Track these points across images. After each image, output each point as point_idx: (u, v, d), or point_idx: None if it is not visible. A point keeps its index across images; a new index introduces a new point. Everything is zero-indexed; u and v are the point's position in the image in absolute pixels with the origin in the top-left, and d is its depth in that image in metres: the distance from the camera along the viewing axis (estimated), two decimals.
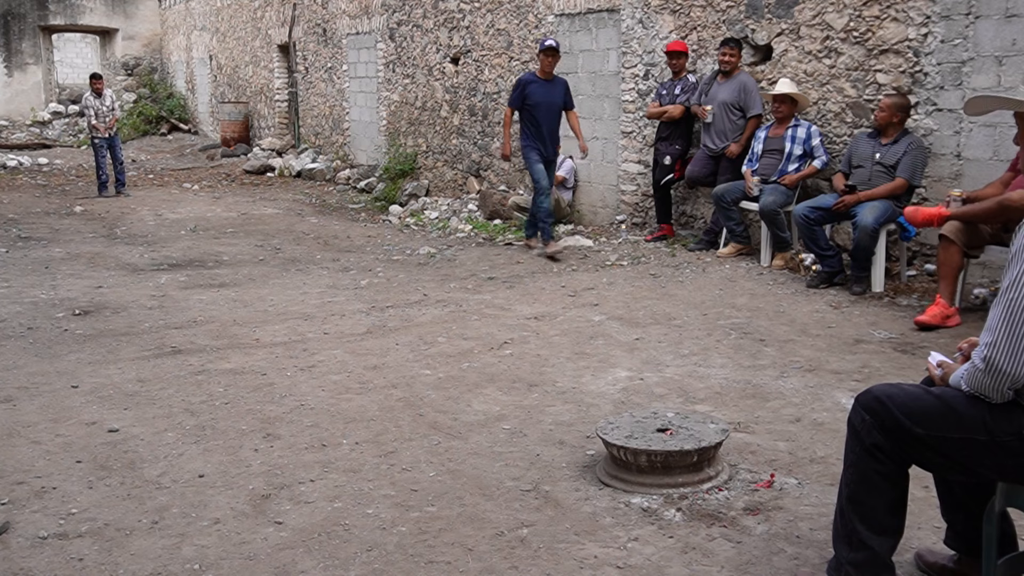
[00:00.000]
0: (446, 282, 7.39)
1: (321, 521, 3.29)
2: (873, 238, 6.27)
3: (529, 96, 8.29)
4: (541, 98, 8.28)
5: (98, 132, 13.19)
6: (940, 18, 6.45)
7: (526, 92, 8.31)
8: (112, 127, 13.33)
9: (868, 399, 2.52)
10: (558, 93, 8.39)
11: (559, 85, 8.44)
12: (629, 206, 9.45)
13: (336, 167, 15.10)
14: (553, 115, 8.36)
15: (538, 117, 8.28)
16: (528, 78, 8.45)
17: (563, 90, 8.44)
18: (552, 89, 8.36)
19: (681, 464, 3.46)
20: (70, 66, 30.13)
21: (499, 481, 3.60)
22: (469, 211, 10.86)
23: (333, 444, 4.01)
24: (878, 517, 2.53)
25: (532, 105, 8.29)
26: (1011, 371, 2.26)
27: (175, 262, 8.47)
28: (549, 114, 8.33)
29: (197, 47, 22.26)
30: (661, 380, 4.80)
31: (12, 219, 10.98)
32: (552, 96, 8.34)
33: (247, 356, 5.38)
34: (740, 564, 2.93)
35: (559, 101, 8.39)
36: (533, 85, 8.32)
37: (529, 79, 8.42)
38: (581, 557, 3.00)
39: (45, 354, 5.49)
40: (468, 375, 4.94)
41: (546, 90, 8.32)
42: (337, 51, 15.22)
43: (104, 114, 13.28)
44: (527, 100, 8.30)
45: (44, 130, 22.57)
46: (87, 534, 3.23)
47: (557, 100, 8.37)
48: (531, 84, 8.34)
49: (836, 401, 4.40)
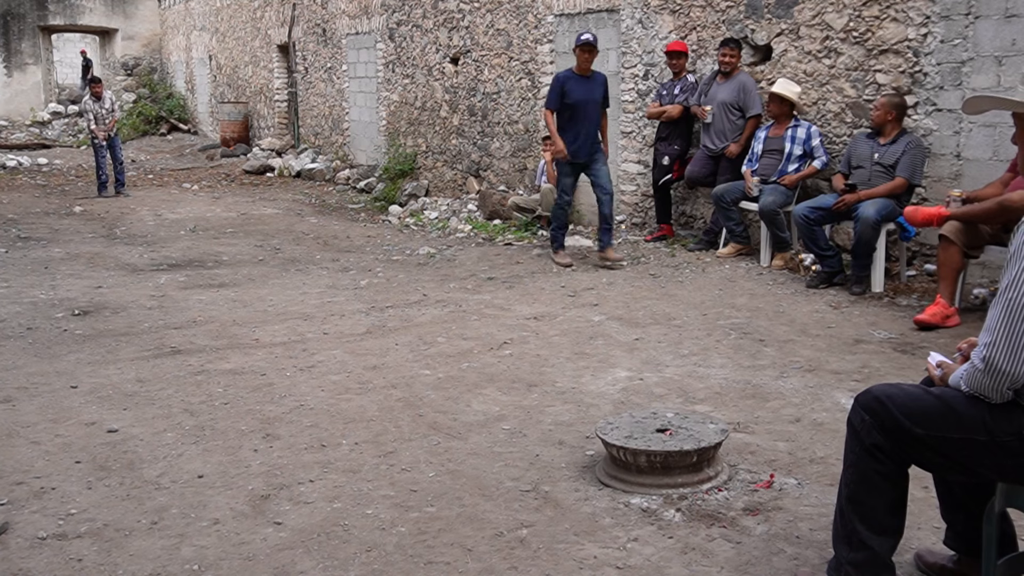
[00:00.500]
0: (446, 282, 7.39)
1: (320, 521, 3.29)
2: (875, 231, 6.26)
3: (568, 94, 7.70)
4: (580, 96, 7.69)
5: (97, 137, 13.23)
6: (940, 18, 6.45)
7: (564, 90, 7.71)
8: (111, 128, 13.35)
9: (868, 399, 2.51)
10: (597, 90, 7.78)
11: (598, 82, 7.82)
12: (629, 206, 9.44)
13: (336, 167, 15.10)
14: (592, 115, 7.77)
15: (577, 117, 7.71)
16: (566, 75, 7.81)
17: (602, 88, 7.83)
18: (591, 86, 7.75)
19: (681, 464, 3.46)
20: (69, 66, 30.15)
21: (498, 481, 3.60)
22: (469, 211, 10.86)
23: (332, 444, 4.01)
24: (878, 517, 2.53)
25: (571, 104, 7.70)
26: (1010, 371, 2.26)
27: (174, 262, 8.47)
28: (589, 113, 7.73)
29: (197, 47, 22.26)
30: (661, 380, 4.79)
31: (11, 219, 10.98)
32: (592, 94, 7.74)
33: (246, 356, 5.37)
34: (740, 564, 2.93)
35: (599, 99, 7.80)
36: (571, 82, 7.71)
37: (567, 76, 7.79)
38: (580, 557, 3.00)
39: (44, 354, 5.49)
40: (468, 375, 4.94)
41: (585, 87, 7.71)
42: (337, 51, 15.21)
43: (103, 117, 13.31)
44: (565, 99, 7.71)
45: (43, 130, 22.57)
46: (86, 534, 3.23)
47: (597, 98, 7.78)
48: (569, 81, 7.72)
49: (836, 401, 4.40)
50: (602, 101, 7.82)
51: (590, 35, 7.68)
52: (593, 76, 7.79)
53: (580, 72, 7.75)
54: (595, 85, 7.76)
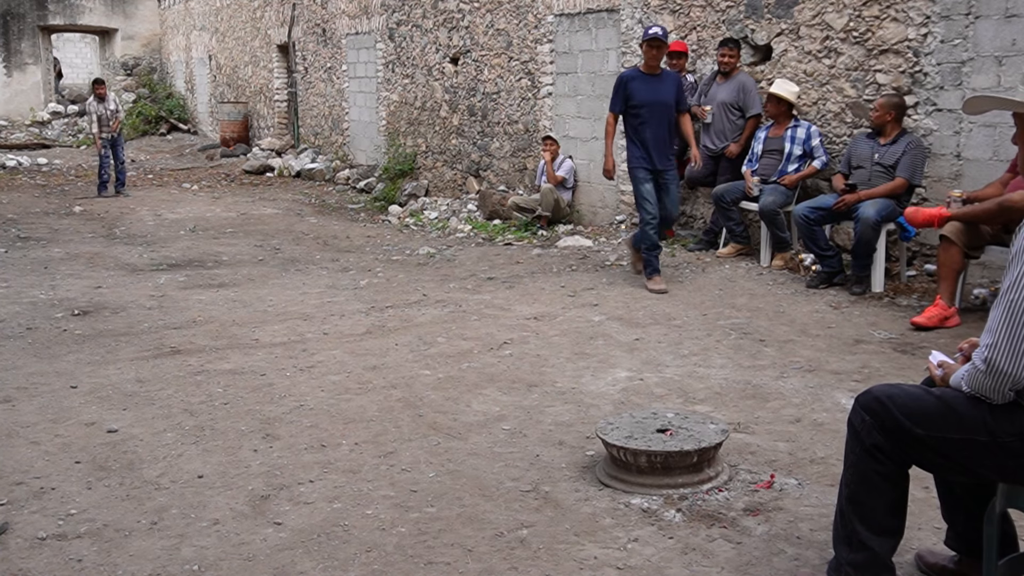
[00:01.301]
0: (445, 282, 7.39)
1: (320, 522, 3.29)
2: (876, 231, 6.26)
3: (633, 96, 6.86)
4: (648, 97, 6.82)
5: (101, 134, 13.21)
6: (940, 18, 6.45)
7: (628, 91, 6.89)
8: (115, 130, 13.34)
9: (868, 400, 2.51)
10: (668, 91, 6.89)
11: (669, 81, 6.94)
12: (629, 206, 9.44)
13: (335, 167, 15.09)
14: (662, 118, 6.86)
15: (644, 121, 6.83)
16: (630, 74, 7.01)
17: (675, 87, 6.94)
18: (661, 86, 6.87)
19: (681, 465, 3.45)
20: (69, 66, 30.12)
21: (499, 482, 3.60)
22: (468, 211, 10.86)
23: (332, 445, 4.01)
24: (878, 518, 2.52)
25: (637, 107, 6.84)
26: (1011, 372, 2.26)
27: (174, 262, 8.47)
28: (657, 117, 6.84)
29: (196, 47, 22.26)
30: (661, 380, 4.79)
31: (11, 219, 10.97)
32: (661, 95, 6.85)
33: (246, 356, 5.37)
34: (740, 565, 2.93)
35: (670, 100, 6.89)
36: (636, 82, 6.88)
37: (631, 75, 6.98)
38: (581, 558, 3.00)
39: (44, 354, 5.48)
40: (468, 375, 4.94)
41: (653, 88, 6.84)
42: (336, 51, 15.21)
43: (107, 119, 13.29)
44: (630, 101, 6.87)
45: (43, 130, 22.56)
46: (86, 535, 3.22)
47: (668, 99, 6.87)
48: (634, 81, 6.89)
49: (836, 401, 4.40)
50: (676, 103, 6.94)
51: (659, 28, 6.82)
52: (663, 75, 6.97)
53: (648, 71, 6.92)
54: (665, 85, 6.89)
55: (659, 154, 6.86)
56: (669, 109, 6.87)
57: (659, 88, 6.86)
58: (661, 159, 6.87)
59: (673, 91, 6.90)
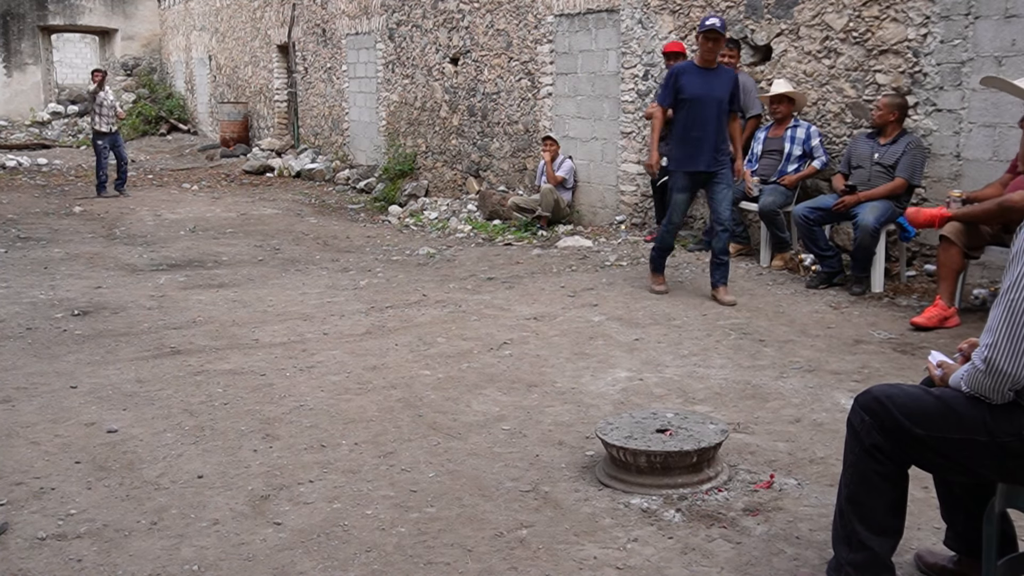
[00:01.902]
0: (445, 282, 7.39)
1: (320, 522, 3.29)
2: (874, 238, 6.27)
3: (683, 89, 6.39)
4: (699, 91, 6.35)
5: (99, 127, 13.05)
6: (940, 18, 6.45)
7: (679, 84, 6.43)
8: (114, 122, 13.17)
9: (868, 400, 2.51)
10: (722, 87, 6.40)
11: (724, 77, 6.44)
12: (628, 206, 9.44)
13: (335, 167, 15.10)
14: (714, 115, 6.38)
15: (694, 117, 6.37)
16: (683, 67, 6.56)
17: (730, 84, 6.43)
18: (715, 82, 6.39)
19: (680, 465, 3.45)
20: (69, 66, 30.13)
21: (498, 482, 3.60)
22: (468, 211, 10.86)
23: (332, 445, 4.01)
24: (878, 518, 2.52)
25: (687, 101, 6.39)
26: (1011, 372, 2.26)
27: (174, 262, 8.47)
28: (710, 114, 6.37)
29: (196, 47, 22.26)
30: (660, 380, 4.79)
31: (11, 219, 10.97)
32: (714, 90, 6.36)
33: (246, 356, 5.37)
34: (740, 565, 2.93)
35: (724, 97, 6.40)
36: (689, 75, 6.42)
37: (685, 68, 6.53)
38: (580, 558, 3.00)
39: (44, 354, 5.48)
40: (467, 375, 4.94)
41: (706, 82, 6.37)
42: (336, 51, 15.21)
43: (108, 107, 13.09)
44: (680, 94, 6.42)
45: (43, 130, 22.57)
46: (86, 535, 3.22)
47: (721, 96, 6.38)
48: (687, 74, 6.43)
49: (836, 401, 4.40)
50: (729, 101, 6.45)
51: (716, 19, 6.28)
52: (719, 70, 6.47)
53: (703, 64, 6.43)
54: (720, 81, 6.40)
55: (708, 154, 6.39)
56: (722, 107, 6.40)
57: (713, 83, 6.37)
58: (709, 160, 6.39)
59: (728, 88, 6.40)
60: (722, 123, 6.42)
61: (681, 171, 6.47)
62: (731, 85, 6.42)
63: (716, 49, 6.38)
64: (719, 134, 6.40)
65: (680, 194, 6.54)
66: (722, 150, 6.45)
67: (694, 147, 6.39)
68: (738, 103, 6.58)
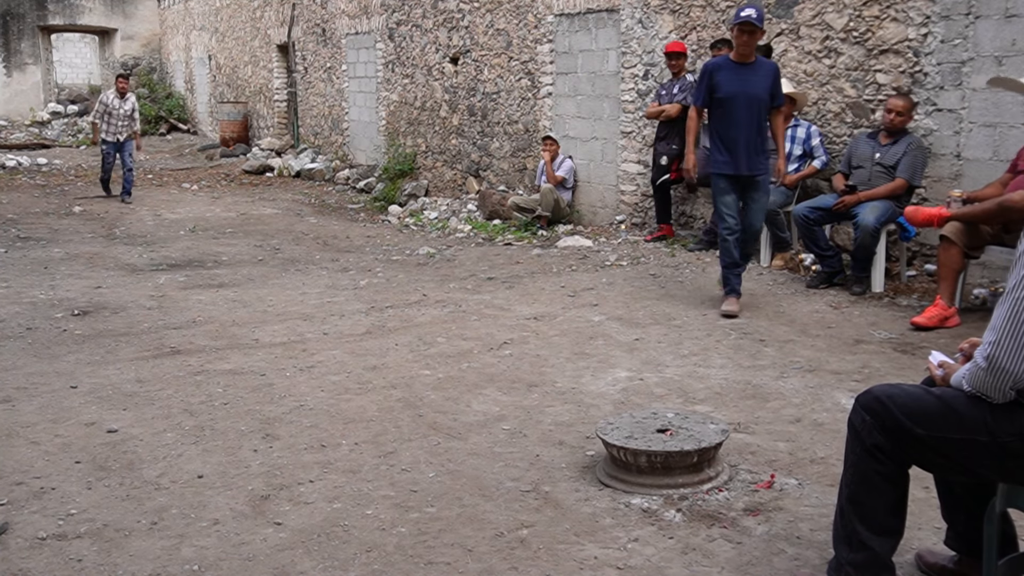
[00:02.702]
0: (445, 282, 7.39)
1: (320, 522, 3.29)
2: (875, 238, 6.27)
3: (719, 87, 5.94)
4: (735, 89, 5.90)
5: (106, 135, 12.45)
6: (940, 18, 6.45)
7: (714, 82, 5.97)
8: (124, 135, 12.52)
9: (868, 399, 2.51)
10: (761, 83, 5.91)
11: (763, 71, 5.95)
12: (629, 206, 9.44)
13: (335, 167, 15.10)
14: (753, 114, 5.93)
15: (731, 117, 5.94)
16: (717, 63, 6.08)
17: (769, 79, 5.94)
18: (753, 77, 5.92)
19: (681, 465, 3.45)
20: (69, 66, 30.13)
21: (499, 482, 3.60)
22: (468, 211, 10.86)
23: (332, 445, 4.00)
24: (878, 518, 2.52)
25: (723, 100, 5.95)
26: (1014, 370, 2.26)
27: (174, 262, 8.47)
28: (748, 113, 5.92)
29: (196, 47, 22.26)
30: (661, 380, 4.79)
31: (11, 219, 10.97)
32: (752, 87, 5.91)
33: (246, 356, 5.37)
34: (740, 565, 2.93)
35: (763, 94, 5.94)
36: (724, 72, 5.96)
37: (719, 64, 6.05)
38: (581, 558, 3.00)
39: (44, 354, 5.48)
40: (468, 375, 4.94)
41: (743, 79, 5.91)
42: (336, 51, 15.21)
43: (120, 117, 12.43)
44: (716, 93, 5.96)
45: (43, 130, 22.56)
46: (86, 535, 3.22)
47: (760, 93, 5.92)
48: (721, 71, 5.97)
49: (836, 401, 4.40)
50: (770, 97, 5.98)
51: (752, 9, 5.82)
52: (757, 64, 5.97)
53: (739, 59, 5.97)
54: (758, 76, 5.92)
55: (748, 157, 5.94)
56: (761, 104, 5.93)
57: (750, 79, 5.90)
58: (750, 163, 5.95)
59: (768, 83, 5.92)
60: (762, 122, 5.98)
61: (720, 174, 6.03)
62: (771, 80, 5.95)
63: (752, 43, 5.89)
64: (760, 135, 5.97)
65: (725, 196, 6.05)
66: (763, 152, 6.00)
67: (732, 150, 5.95)
68: (781, 97, 6.07)
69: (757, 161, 5.97)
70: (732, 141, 5.95)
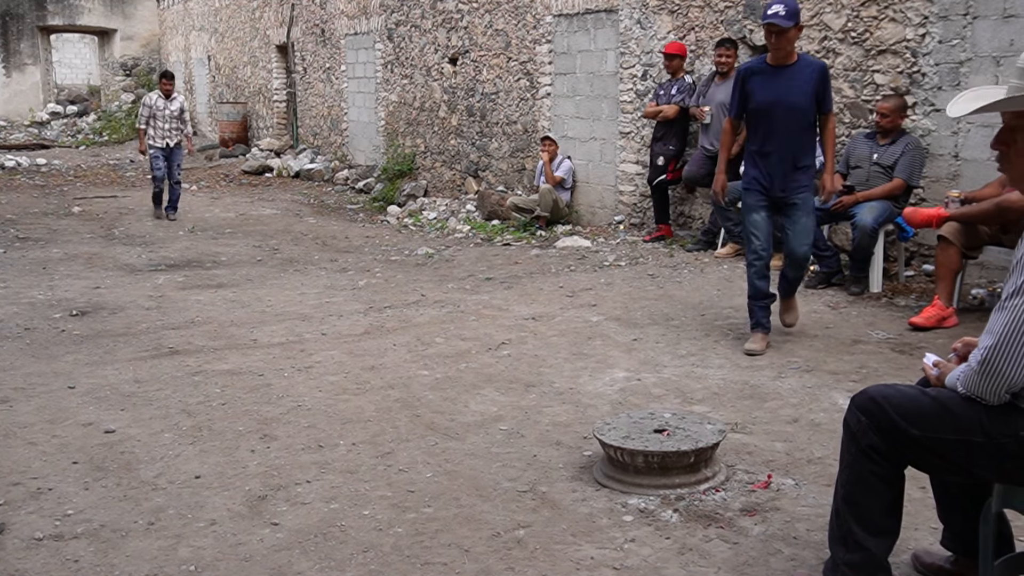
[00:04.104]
0: (444, 282, 7.39)
1: (317, 522, 3.29)
2: (872, 238, 6.28)
3: (752, 95, 5.15)
4: (770, 97, 5.08)
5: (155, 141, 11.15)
6: (938, 18, 6.45)
7: (746, 90, 5.18)
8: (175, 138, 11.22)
9: (864, 400, 2.51)
10: (802, 88, 5.05)
11: (805, 75, 5.08)
12: (627, 206, 9.45)
13: (334, 167, 15.10)
14: (792, 125, 5.08)
15: (766, 129, 5.13)
16: (751, 66, 5.26)
17: (813, 82, 5.06)
18: (791, 82, 5.07)
19: (678, 465, 3.45)
20: (68, 66, 30.12)
21: (496, 482, 3.60)
22: (467, 211, 10.86)
23: (330, 445, 4.01)
24: (874, 518, 2.52)
25: (757, 110, 5.15)
26: (1009, 374, 2.25)
27: (173, 263, 8.47)
28: (785, 122, 5.07)
29: (195, 47, 22.26)
30: (659, 381, 4.79)
31: (10, 219, 10.97)
32: (789, 93, 5.05)
33: (244, 357, 5.37)
34: (737, 565, 2.93)
35: (804, 102, 5.06)
36: (759, 78, 5.14)
37: (752, 68, 5.24)
38: (578, 558, 3.00)
39: (42, 355, 5.48)
40: (465, 376, 4.94)
41: (780, 84, 5.07)
42: (335, 51, 15.21)
43: (167, 119, 11.15)
44: (750, 102, 5.18)
45: (42, 131, 22.56)
46: (83, 535, 3.22)
47: (799, 100, 5.05)
48: (755, 77, 5.16)
49: (834, 402, 4.40)
50: (813, 102, 5.09)
51: (781, 6, 4.97)
52: (798, 66, 5.11)
53: (774, 62, 5.13)
54: (799, 80, 5.07)
55: (783, 174, 5.12)
56: (802, 113, 5.06)
57: (788, 85, 5.05)
58: (785, 181, 5.12)
59: (811, 87, 5.04)
60: (804, 135, 5.13)
61: (749, 188, 5.25)
62: (815, 83, 5.06)
63: (784, 44, 5.03)
64: (800, 148, 5.13)
65: (752, 214, 5.21)
66: (803, 168, 5.14)
67: (766, 166, 5.15)
68: (829, 102, 5.16)
69: (792, 178, 5.11)
70: (765, 156, 5.14)
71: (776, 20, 4.96)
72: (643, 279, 7.21)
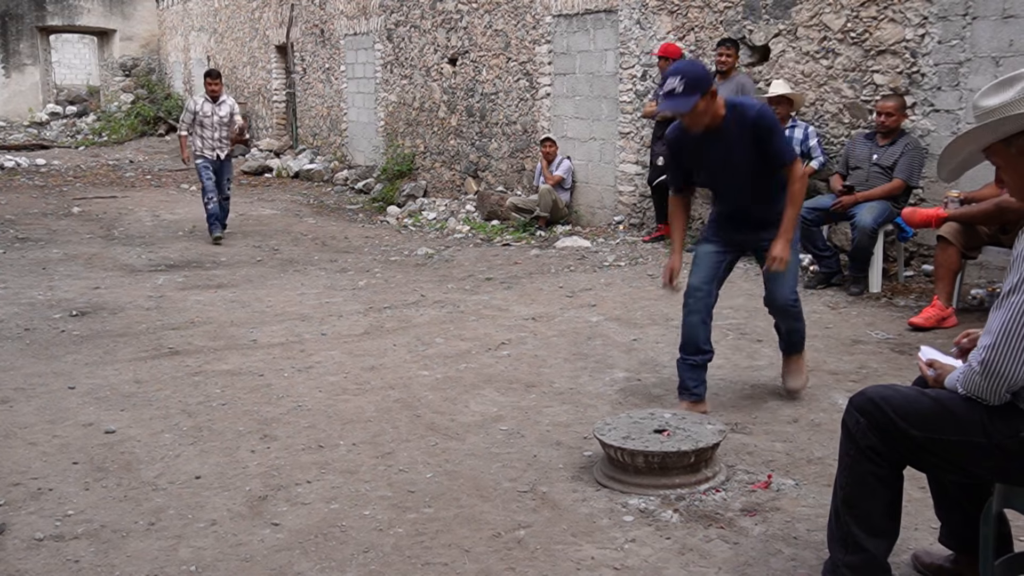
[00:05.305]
0: (444, 283, 7.39)
1: (318, 522, 3.29)
2: (872, 239, 6.28)
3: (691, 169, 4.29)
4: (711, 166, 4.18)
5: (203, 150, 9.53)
6: (937, 19, 6.46)
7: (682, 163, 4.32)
8: (226, 146, 9.65)
9: (862, 401, 2.50)
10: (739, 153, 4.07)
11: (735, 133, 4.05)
12: (627, 207, 9.45)
13: (334, 168, 15.10)
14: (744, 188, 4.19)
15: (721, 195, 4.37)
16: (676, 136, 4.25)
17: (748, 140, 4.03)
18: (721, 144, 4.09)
19: (678, 465, 3.46)
20: (67, 67, 30.13)
21: (496, 482, 3.60)
22: (467, 212, 10.86)
23: (330, 445, 4.01)
24: (874, 519, 2.52)
25: (703, 183, 4.45)
26: (1009, 375, 2.25)
27: (173, 263, 8.47)
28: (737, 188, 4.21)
29: (195, 48, 22.25)
30: (658, 381, 4.79)
31: (9, 220, 10.96)
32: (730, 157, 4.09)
33: (244, 357, 5.37)
34: (737, 565, 2.93)
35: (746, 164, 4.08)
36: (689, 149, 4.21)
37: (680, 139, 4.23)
38: (578, 558, 3.00)
39: (42, 355, 5.48)
40: (465, 376, 4.94)
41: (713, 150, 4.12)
42: (335, 52, 15.21)
43: (216, 126, 9.48)
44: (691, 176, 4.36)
45: (41, 131, 22.55)
46: (83, 536, 3.22)
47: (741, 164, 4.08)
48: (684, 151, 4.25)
49: (833, 402, 4.40)
50: (762, 160, 4.05)
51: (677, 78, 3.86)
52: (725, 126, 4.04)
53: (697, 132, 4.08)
54: (728, 142, 4.06)
55: (752, 231, 4.27)
56: (754, 176, 4.12)
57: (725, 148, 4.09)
58: (757, 238, 4.26)
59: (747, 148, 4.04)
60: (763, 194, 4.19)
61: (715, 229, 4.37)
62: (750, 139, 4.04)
63: (697, 122, 3.99)
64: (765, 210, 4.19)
65: (704, 245, 4.34)
66: (774, 223, 4.13)
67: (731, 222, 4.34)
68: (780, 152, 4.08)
69: (761, 235, 4.23)
70: (729, 217, 4.33)
71: (672, 107, 3.90)
72: (643, 279, 7.22)
